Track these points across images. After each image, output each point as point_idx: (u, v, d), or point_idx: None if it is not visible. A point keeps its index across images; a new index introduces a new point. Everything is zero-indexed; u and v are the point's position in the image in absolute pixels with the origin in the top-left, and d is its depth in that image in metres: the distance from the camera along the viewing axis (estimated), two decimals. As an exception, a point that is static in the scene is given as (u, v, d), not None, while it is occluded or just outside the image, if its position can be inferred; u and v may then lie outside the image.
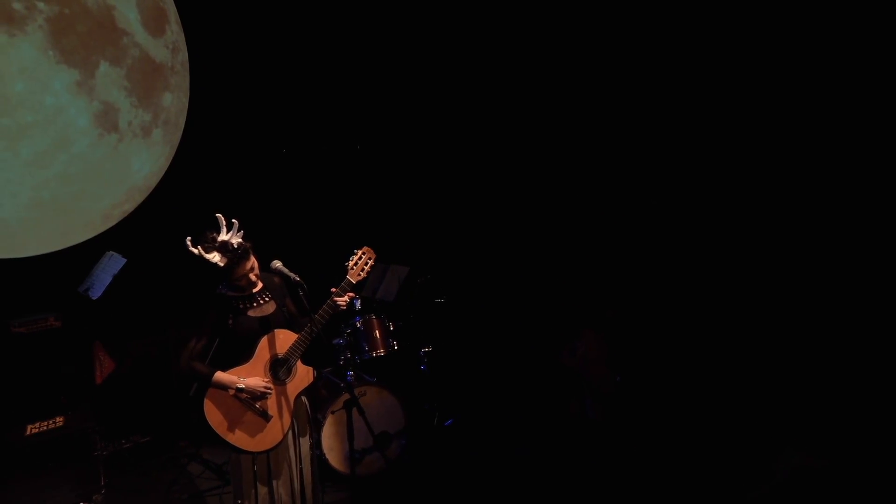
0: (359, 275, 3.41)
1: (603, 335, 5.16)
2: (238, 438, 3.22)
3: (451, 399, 5.61)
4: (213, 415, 3.18)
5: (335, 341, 5.08)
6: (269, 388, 3.24)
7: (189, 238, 3.14)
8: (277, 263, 3.32)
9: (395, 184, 6.79)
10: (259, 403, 3.24)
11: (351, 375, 4.96)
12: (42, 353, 4.54)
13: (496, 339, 6.02)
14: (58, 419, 4.54)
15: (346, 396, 4.27)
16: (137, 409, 5.60)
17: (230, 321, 3.26)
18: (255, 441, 3.23)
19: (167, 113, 5.89)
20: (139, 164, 5.74)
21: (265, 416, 3.25)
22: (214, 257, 3.13)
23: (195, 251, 3.13)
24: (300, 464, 3.39)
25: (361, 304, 5.28)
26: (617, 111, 5.59)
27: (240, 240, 3.20)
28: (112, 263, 4.94)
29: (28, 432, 4.43)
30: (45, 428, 4.49)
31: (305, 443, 3.45)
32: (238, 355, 3.26)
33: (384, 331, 5.16)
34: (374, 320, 5.15)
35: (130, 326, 5.66)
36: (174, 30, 5.90)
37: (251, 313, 3.30)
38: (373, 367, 5.26)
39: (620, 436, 4.83)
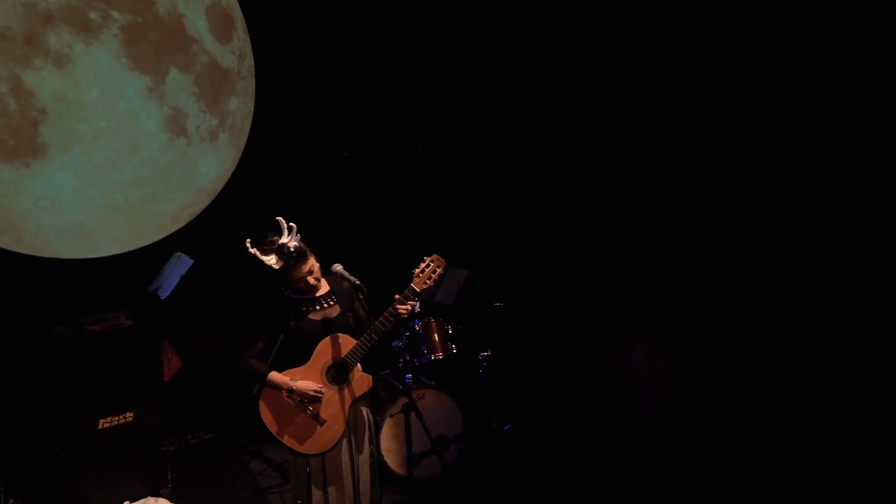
0: (425, 283, 3.31)
1: (653, 335, 5.03)
2: (290, 439, 3.25)
3: (510, 404, 5.57)
4: (267, 414, 3.23)
5: (394, 344, 5.11)
6: (321, 392, 3.24)
7: (249, 240, 3.19)
8: (338, 267, 3.32)
9: (455, 187, 6.79)
10: (312, 406, 3.26)
11: (409, 378, 4.97)
12: (113, 350, 4.67)
13: (553, 343, 5.96)
14: (128, 414, 4.67)
15: (404, 399, 4.28)
16: (202, 407, 5.75)
17: (292, 323, 3.30)
18: (306, 443, 3.25)
19: (233, 117, 6.03)
20: (206, 168, 5.89)
21: (318, 420, 3.26)
22: (270, 259, 3.17)
23: (253, 253, 3.17)
24: (356, 472, 3.36)
25: (421, 308, 5.28)
26: (665, 113, 5.52)
27: (297, 243, 3.22)
28: (180, 264, 5.08)
29: (100, 426, 4.56)
30: (115, 422, 4.61)
31: (364, 451, 3.41)
32: (298, 357, 3.29)
33: (443, 334, 5.16)
34: (433, 323, 5.15)
35: (196, 326, 5.80)
36: (241, 36, 6.04)
37: (313, 316, 3.33)
38: (432, 370, 5.26)
39: (689, 447, 4.71)
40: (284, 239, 3.21)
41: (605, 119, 5.99)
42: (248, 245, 3.18)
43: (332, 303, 3.38)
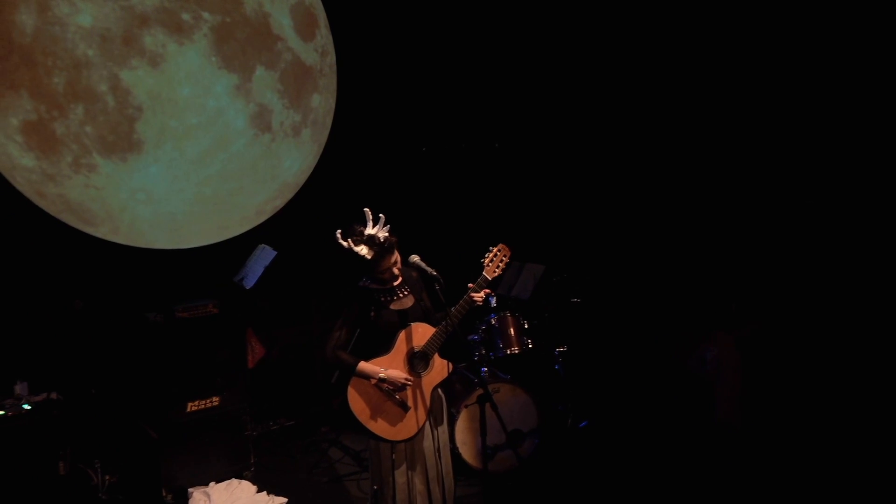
0: (494, 271, 3.40)
1: (733, 337, 4.87)
2: (379, 427, 3.32)
3: (586, 401, 5.50)
4: (357, 403, 3.30)
5: (470, 337, 5.12)
6: (410, 380, 3.32)
7: (339, 231, 3.26)
8: (416, 258, 3.37)
9: (533, 182, 6.76)
10: (399, 394, 3.33)
11: (485, 371, 4.98)
12: (202, 336, 4.87)
13: (630, 341, 5.86)
14: (214, 399, 4.85)
15: (479, 392, 4.29)
16: (284, 394, 5.94)
17: (372, 313, 3.36)
18: (394, 430, 3.33)
19: (315, 113, 6.19)
20: (290, 162, 6.07)
21: (404, 407, 3.33)
22: (362, 250, 3.23)
23: (345, 244, 3.24)
24: (439, 454, 3.46)
25: (497, 302, 5.29)
26: (744, 107, 5.36)
27: (386, 234, 3.28)
28: (264, 255, 5.25)
29: (189, 409, 4.76)
30: (202, 406, 4.80)
31: (443, 433, 3.51)
32: (377, 347, 3.35)
33: (519, 329, 5.14)
34: (510, 318, 5.14)
35: (279, 316, 5.99)
36: (323, 34, 6.18)
37: (392, 306, 3.39)
38: (507, 364, 5.25)
39: (761, 447, 4.56)
40: (373, 230, 3.27)
41: (682, 113, 5.85)
42: (339, 236, 3.25)
43: (406, 293, 3.44)
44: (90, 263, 5.14)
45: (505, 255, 3.46)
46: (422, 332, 3.35)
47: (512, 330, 5.12)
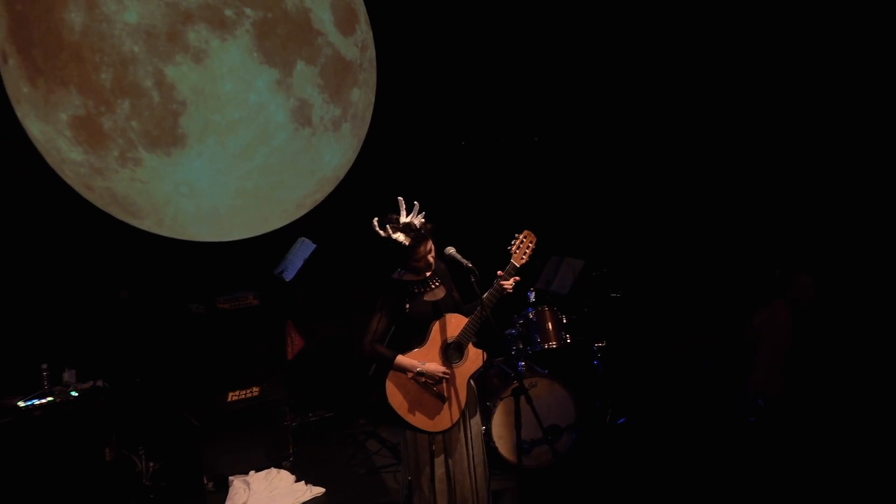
0: (522, 258, 3.36)
1: (786, 299, 4.70)
2: (418, 419, 3.32)
3: (625, 397, 5.44)
4: (395, 396, 3.31)
5: (508, 332, 5.11)
6: (447, 373, 3.32)
7: (375, 219, 3.27)
8: (451, 250, 3.36)
9: (572, 176, 6.70)
10: (436, 387, 3.33)
11: (522, 366, 4.95)
12: (242, 328, 4.93)
13: (671, 336, 5.77)
14: (254, 389, 4.92)
15: (515, 384, 4.27)
16: (322, 386, 6.00)
17: (407, 305, 3.37)
18: (432, 422, 3.33)
19: (355, 108, 6.23)
20: (329, 157, 6.12)
21: (441, 399, 3.33)
22: (399, 237, 3.24)
23: (382, 233, 3.25)
24: (472, 444, 3.45)
25: (536, 297, 5.26)
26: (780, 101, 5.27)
27: (422, 220, 3.29)
28: (303, 249, 5.30)
29: (229, 398, 4.84)
30: (243, 396, 4.88)
31: (476, 424, 3.50)
32: (411, 339, 3.35)
33: (557, 323, 5.10)
34: (547, 312, 5.11)
35: (319, 308, 6.05)
36: (363, 29, 6.22)
37: (425, 298, 3.39)
38: (544, 359, 5.22)
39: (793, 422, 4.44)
40: (409, 217, 3.28)
41: (720, 104, 5.77)
42: (376, 224, 3.26)
43: (437, 284, 3.44)
44: (136, 255, 5.26)
45: (531, 242, 3.40)
46: (455, 323, 3.34)
47: (550, 324, 5.09)
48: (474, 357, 3.40)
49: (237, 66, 5.52)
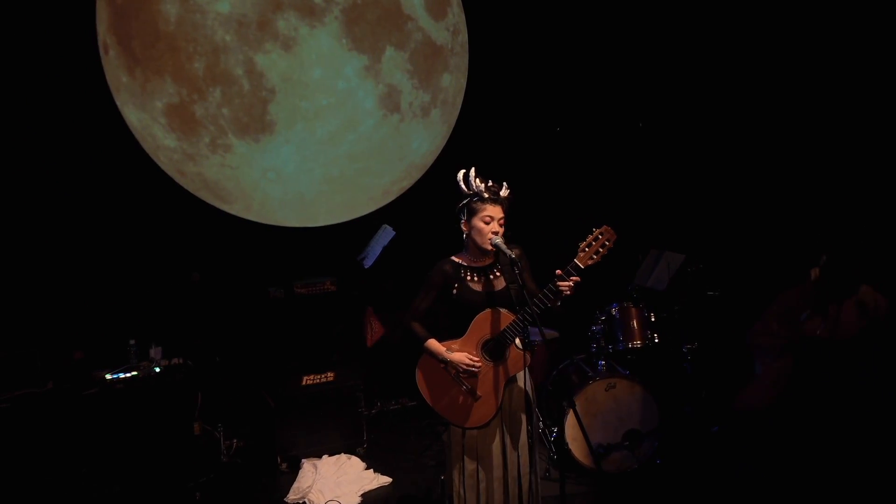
0: (591, 258, 2.99)
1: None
2: (444, 409, 3.17)
3: (718, 404, 4.98)
4: (422, 382, 3.19)
5: (591, 329, 4.83)
6: (475, 367, 3.10)
7: (463, 171, 3.20)
8: (498, 240, 3.12)
9: (674, 166, 6.23)
10: (468, 382, 3.14)
11: (602, 365, 4.66)
12: (319, 313, 4.98)
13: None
14: (329, 374, 4.95)
15: (593, 385, 3.98)
16: (404, 375, 5.94)
17: (455, 289, 3.19)
18: (460, 416, 3.15)
19: (445, 93, 6.11)
20: (418, 143, 6.04)
21: (472, 395, 3.14)
22: (481, 186, 3.17)
23: (463, 181, 3.19)
24: (506, 455, 3.20)
25: (634, 293, 4.96)
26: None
27: (507, 190, 3.18)
28: (384, 236, 5.27)
29: (304, 382, 4.89)
30: (317, 380, 4.92)
31: (521, 433, 3.23)
32: (454, 327, 3.18)
33: (643, 321, 4.77)
34: (633, 309, 4.78)
35: (403, 297, 5.99)
36: (455, 12, 6.08)
37: (475, 286, 3.20)
38: (628, 358, 4.89)
39: None
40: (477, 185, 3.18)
41: (837, 106, 5.18)
42: (462, 175, 3.19)
43: (497, 274, 3.23)
44: (220, 239, 5.43)
45: (608, 240, 3.02)
46: (501, 318, 3.12)
47: (635, 322, 4.77)
48: (515, 358, 3.14)
49: (326, 53, 5.55)
